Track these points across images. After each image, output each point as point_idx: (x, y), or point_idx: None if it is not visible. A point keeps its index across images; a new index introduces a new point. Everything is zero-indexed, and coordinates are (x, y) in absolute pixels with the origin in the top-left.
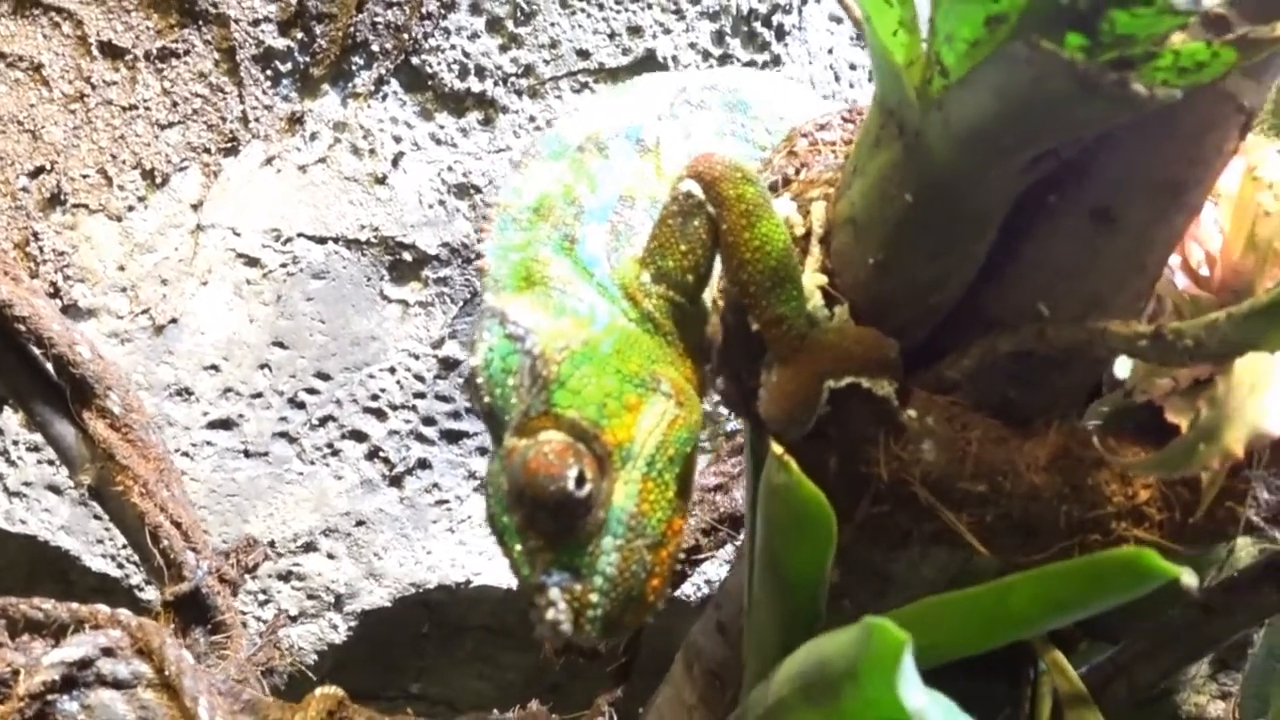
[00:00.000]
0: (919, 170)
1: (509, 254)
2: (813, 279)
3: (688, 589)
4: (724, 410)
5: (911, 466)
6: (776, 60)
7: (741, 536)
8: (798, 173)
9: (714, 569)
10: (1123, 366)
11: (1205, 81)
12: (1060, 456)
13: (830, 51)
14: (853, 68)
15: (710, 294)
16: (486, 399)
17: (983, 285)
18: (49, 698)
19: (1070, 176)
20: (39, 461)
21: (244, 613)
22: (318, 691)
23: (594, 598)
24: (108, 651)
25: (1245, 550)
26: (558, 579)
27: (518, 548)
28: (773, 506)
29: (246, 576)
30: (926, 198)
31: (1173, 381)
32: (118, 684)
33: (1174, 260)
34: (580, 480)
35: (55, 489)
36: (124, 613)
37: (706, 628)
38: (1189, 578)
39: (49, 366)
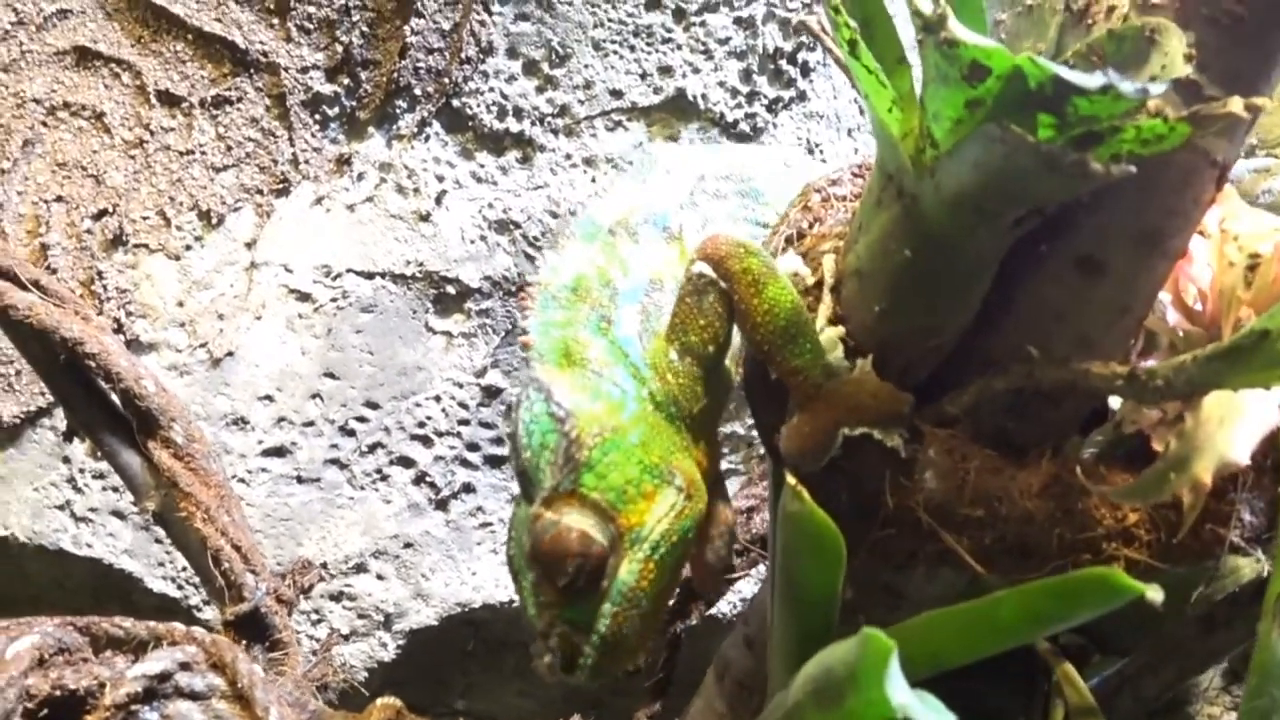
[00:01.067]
0: (915, 228)
1: (550, 330)
2: (833, 331)
3: (723, 606)
4: (756, 434)
5: (915, 494)
6: (802, 96)
7: None
8: (811, 226)
9: (748, 587)
10: (1116, 398)
11: (1167, 150)
12: (1052, 483)
13: (854, 87)
14: None
15: (730, 355)
16: (523, 462)
17: (981, 328)
18: (132, 708)
19: (1058, 228)
20: (104, 488)
21: (298, 631)
22: (378, 702)
23: (587, 649)
24: (185, 666)
25: (1250, 566)
26: (559, 629)
27: (528, 592)
28: (788, 532)
29: (301, 597)
30: (923, 253)
31: (1161, 412)
32: (194, 696)
33: (1166, 297)
34: (585, 566)
35: (119, 514)
36: (198, 630)
37: (735, 641)
38: (1154, 594)
39: (116, 400)
